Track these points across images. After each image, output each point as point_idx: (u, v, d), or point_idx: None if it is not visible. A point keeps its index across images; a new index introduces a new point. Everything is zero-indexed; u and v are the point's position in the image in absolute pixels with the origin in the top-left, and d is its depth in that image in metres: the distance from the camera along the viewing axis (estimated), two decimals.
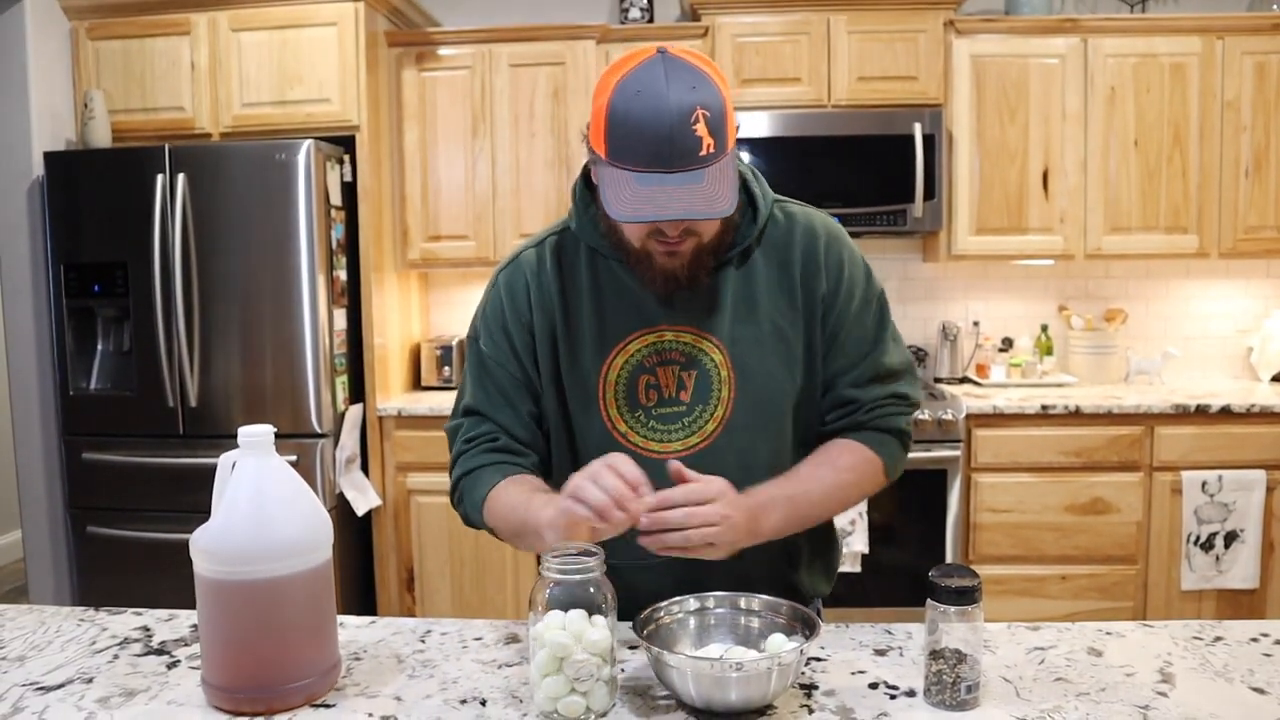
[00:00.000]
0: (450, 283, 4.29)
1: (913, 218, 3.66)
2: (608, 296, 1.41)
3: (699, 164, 1.21)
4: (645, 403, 1.40)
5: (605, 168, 1.25)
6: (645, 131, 1.19)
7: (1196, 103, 3.68)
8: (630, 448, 1.39)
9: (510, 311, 1.45)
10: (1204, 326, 4.13)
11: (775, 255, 1.42)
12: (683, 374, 1.39)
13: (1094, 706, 1.12)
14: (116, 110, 3.62)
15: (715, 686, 1.08)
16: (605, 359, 1.40)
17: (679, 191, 1.20)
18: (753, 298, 1.41)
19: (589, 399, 1.41)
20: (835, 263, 1.43)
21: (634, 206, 1.21)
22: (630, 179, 1.22)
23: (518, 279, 1.45)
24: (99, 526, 3.51)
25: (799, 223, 1.44)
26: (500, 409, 1.45)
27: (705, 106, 1.20)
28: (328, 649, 1.20)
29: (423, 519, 3.67)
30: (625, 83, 1.22)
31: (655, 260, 1.33)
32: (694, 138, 1.20)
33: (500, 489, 1.38)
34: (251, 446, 1.16)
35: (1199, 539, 3.45)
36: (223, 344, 3.42)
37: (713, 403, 1.39)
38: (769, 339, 1.40)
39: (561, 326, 1.43)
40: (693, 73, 1.22)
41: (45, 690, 1.20)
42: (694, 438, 1.39)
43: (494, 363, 1.45)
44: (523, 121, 3.79)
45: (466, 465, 1.44)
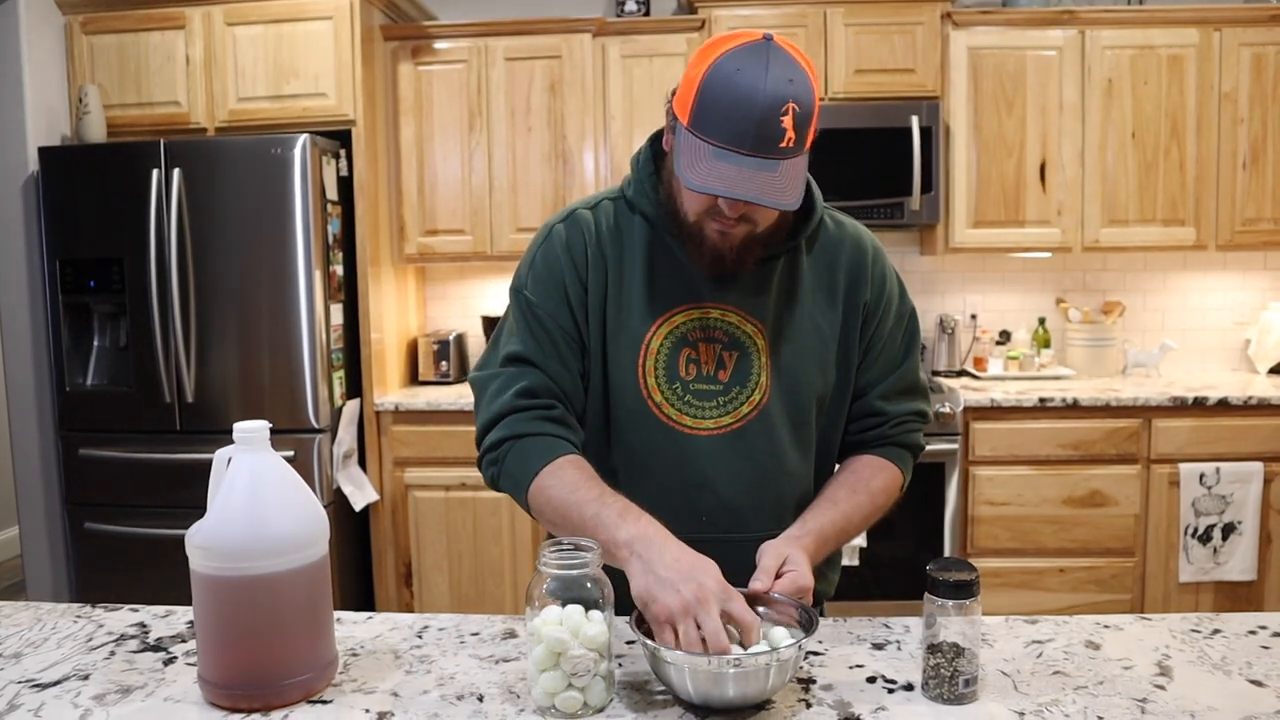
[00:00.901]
0: (447, 277, 4.28)
1: (910, 210, 3.66)
2: (659, 266, 1.41)
3: (778, 154, 1.22)
4: (685, 376, 1.40)
5: (684, 134, 1.25)
6: (736, 111, 1.20)
7: (1194, 94, 3.68)
8: (662, 419, 1.39)
9: (567, 264, 1.42)
10: (1201, 319, 4.13)
11: (822, 257, 1.46)
12: (724, 353, 1.40)
13: (1092, 700, 1.12)
14: (111, 105, 3.61)
15: (713, 683, 1.08)
16: (650, 327, 1.40)
17: (753, 175, 1.21)
18: (795, 292, 1.43)
19: (630, 365, 1.40)
20: (880, 275, 1.48)
21: (706, 178, 1.22)
22: (708, 151, 1.22)
23: (575, 234, 1.44)
24: (96, 523, 3.51)
25: (848, 232, 1.49)
26: (550, 359, 1.40)
27: (798, 101, 1.21)
28: (325, 645, 1.20)
29: (421, 514, 3.67)
30: (726, 59, 1.22)
31: (706, 237, 1.34)
32: (779, 128, 1.21)
33: (560, 471, 1.32)
34: (247, 442, 1.15)
35: (1197, 531, 3.46)
36: (219, 339, 3.41)
37: (750, 386, 1.40)
38: (807, 335, 1.43)
39: (614, 289, 1.42)
40: (793, 66, 1.23)
41: (41, 687, 1.20)
42: (727, 418, 1.40)
43: (545, 313, 1.41)
44: (519, 115, 3.78)
45: (518, 428, 1.36)
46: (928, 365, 4.09)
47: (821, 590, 1.55)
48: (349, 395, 3.62)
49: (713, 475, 1.40)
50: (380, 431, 3.67)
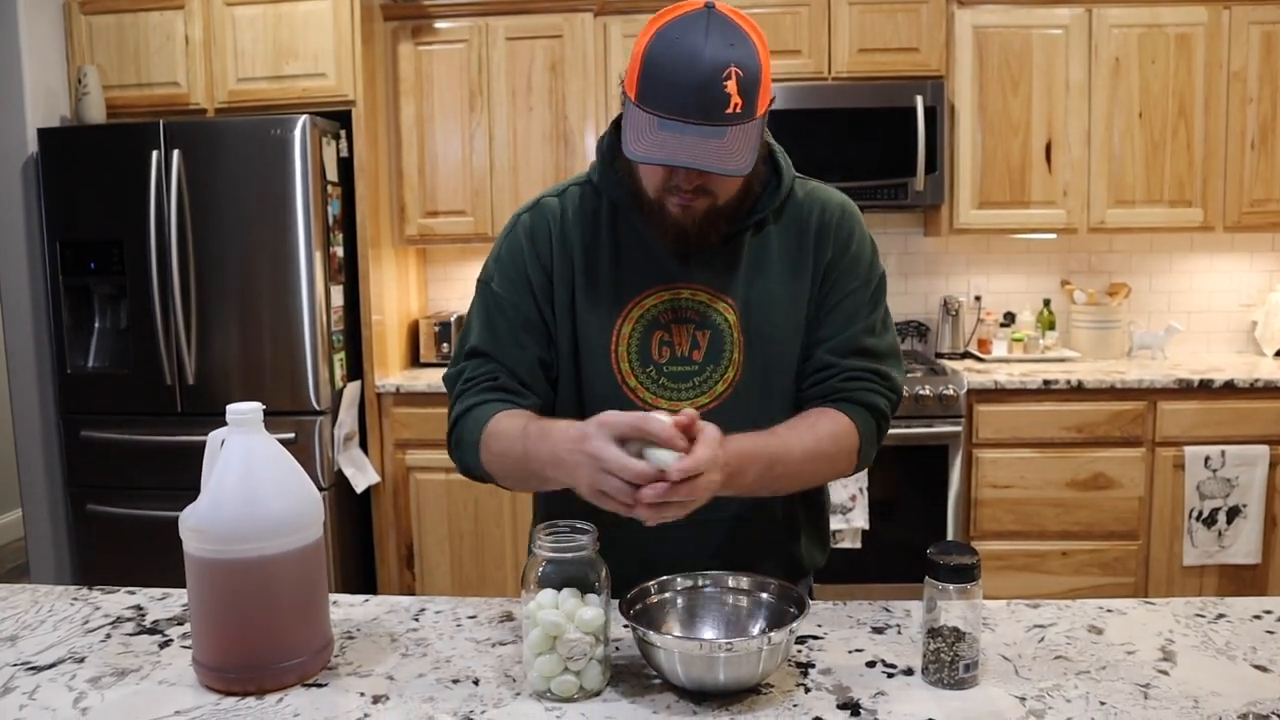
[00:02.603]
0: (448, 259, 4.26)
1: (914, 191, 3.63)
2: (627, 251, 1.40)
3: (723, 121, 1.20)
4: (658, 359, 1.39)
5: (631, 109, 1.24)
6: (676, 79, 1.19)
7: (1202, 74, 3.64)
8: (638, 404, 1.37)
9: (530, 253, 1.42)
10: (1208, 301, 4.10)
11: (791, 227, 1.42)
12: (697, 333, 1.38)
13: (1094, 685, 1.11)
14: (111, 86, 3.59)
15: (703, 667, 1.07)
16: (620, 312, 1.39)
17: (697, 143, 1.19)
18: (765, 264, 1.40)
19: (602, 351, 1.39)
20: (845, 236, 1.43)
21: (648, 148, 1.21)
22: (653, 123, 1.21)
23: (540, 222, 1.43)
24: (98, 505, 3.51)
25: (818, 198, 1.44)
26: (508, 349, 1.41)
27: (740, 65, 1.19)
28: (320, 628, 1.19)
29: (422, 496, 3.66)
30: (666, 29, 1.21)
31: (668, 213, 1.32)
32: (723, 94, 1.18)
33: (498, 421, 1.33)
34: (240, 424, 1.14)
35: (1201, 514, 3.44)
36: (220, 321, 3.40)
37: (723, 364, 1.38)
38: (778, 304, 1.40)
39: (581, 276, 1.41)
40: (735, 30, 1.21)
41: (36, 670, 1.19)
42: (703, 398, 1.38)
43: (508, 303, 1.42)
44: (520, 95, 3.75)
45: (464, 404, 1.39)
46: (931, 347, 4.07)
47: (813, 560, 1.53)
48: (350, 377, 3.61)
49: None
50: (381, 413, 3.66)
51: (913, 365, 3.66)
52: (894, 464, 3.43)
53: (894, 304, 4.06)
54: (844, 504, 3.35)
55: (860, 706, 1.07)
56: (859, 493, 3.36)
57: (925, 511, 3.48)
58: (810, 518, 1.52)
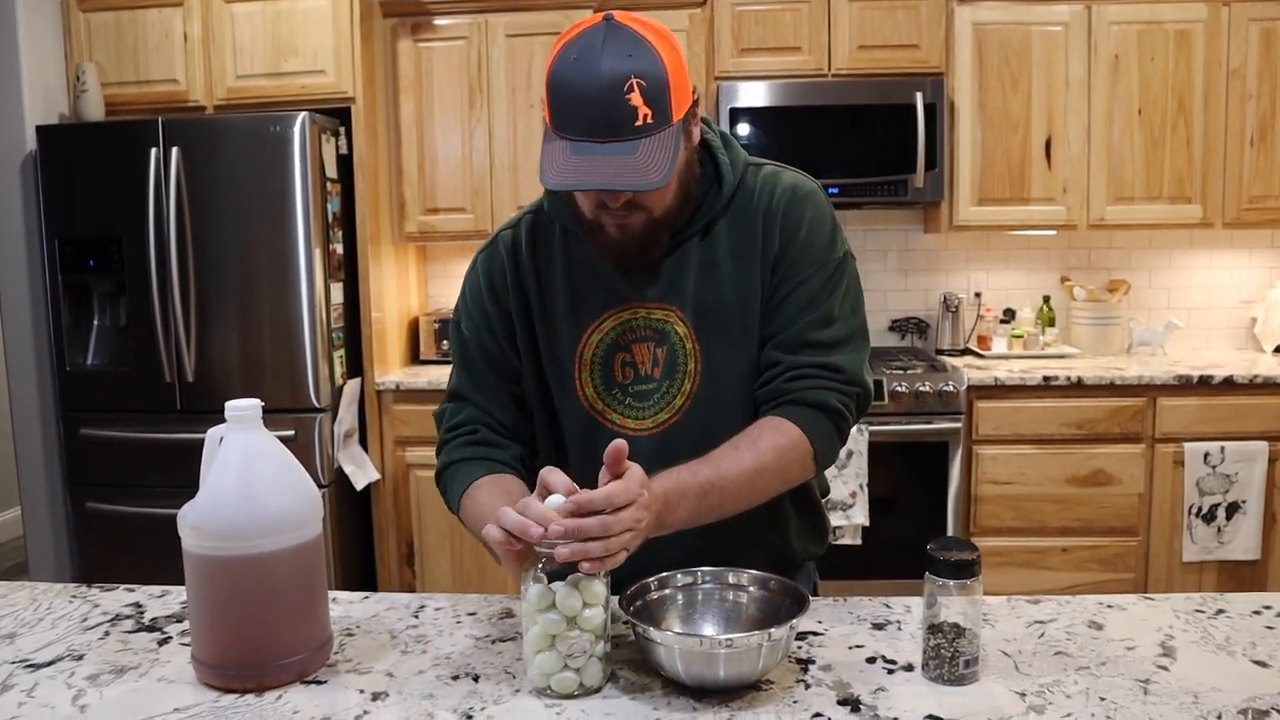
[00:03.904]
0: (448, 256, 4.26)
1: (914, 188, 3.63)
2: (580, 275, 1.39)
3: (633, 134, 1.17)
4: (621, 380, 1.38)
5: (548, 135, 1.22)
6: (578, 99, 1.16)
7: (1201, 70, 3.64)
8: (608, 425, 1.38)
9: (488, 293, 1.43)
10: (1207, 297, 4.10)
11: (739, 221, 1.37)
12: (656, 350, 1.37)
13: (1094, 680, 1.11)
14: (109, 83, 3.58)
15: (703, 664, 1.07)
16: (580, 338, 1.39)
17: (608, 161, 1.17)
18: (714, 266, 1.37)
19: (566, 378, 1.40)
20: (793, 221, 1.36)
21: (561, 174, 1.18)
22: (566, 148, 1.18)
23: (495, 261, 1.44)
24: (98, 502, 3.50)
25: (765, 184, 1.38)
26: (481, 391, 1.44)
27: (641, 76, 1.16)
28: (319, 625, 1.19)
29: (422, 493, 3.66)
30: (565, 49, 1.19)
31: (606, 233, 1.30)
32: (627, 107, 1.16)
33: (473, 492, 1.34)
34: (239, 420, 1.14)
35: (1201, 510, 3.44)
36: (219, 319, 3.40)
37: (679, 377, 1.37)
38: (731, 308, 1.36)
39: (538, 307, 1.41)
40: (633, 40, 1.17)
41: (35, 667, 1.19)
42: (664, 414, 1.37)
43: (475, 345, 1.45)
44: (520, 93, 3.74)
45: (448, 457, 1.43)
46: (931, 343, 4.07)
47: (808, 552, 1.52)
48: (350, 374, 3.60)
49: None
50: (381, 411, 3.66)
51: (913, 362, 3.66)
52: (894, 460, 3.43)
53: (894, 300, 4.14)
54: (844, 501, 3.35)
55: (860, 702, 1.07)
56: (859, 489, 3.35)
57: (925, 508, 3.48)
58: (801, 507, 1.49)
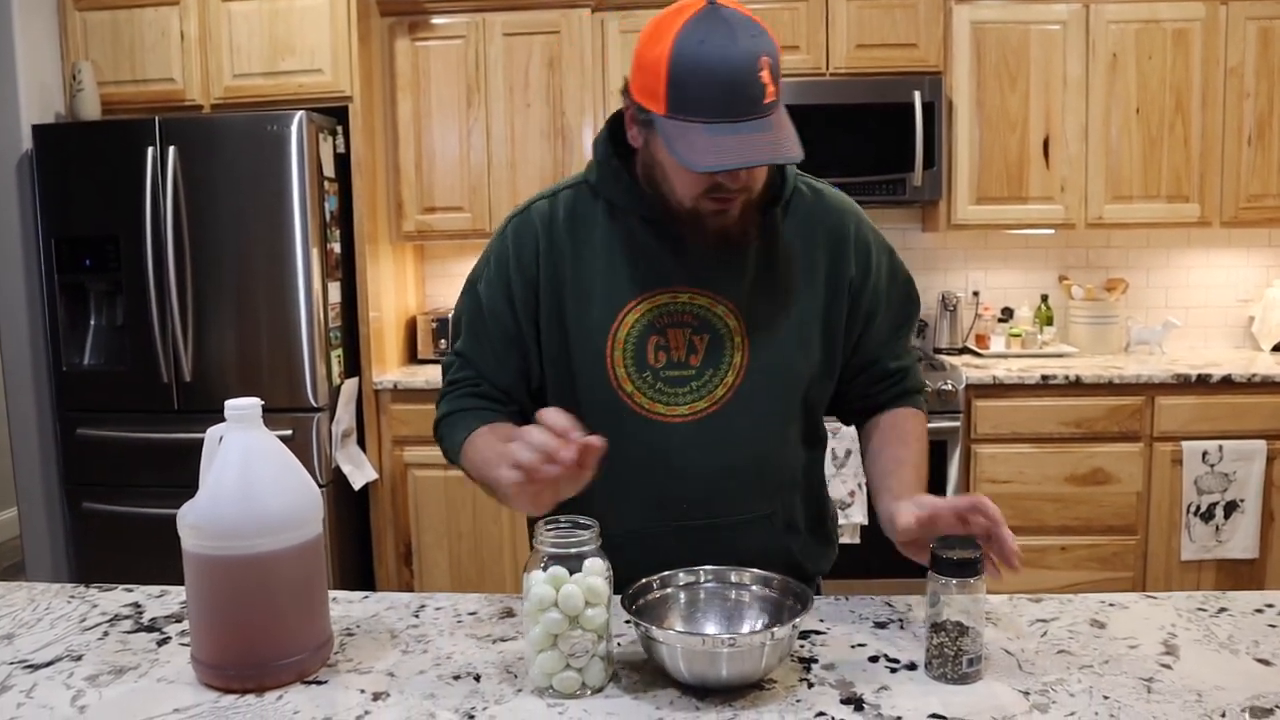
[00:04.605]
0: (446, 255, 4.26)
1: (912, 187, 3.62)
2: (622, 253, 1.37)
3: (764, 112, 1.18)
4: (654, 364, 1.36)
5: (665, 122, 1.20)
6: (715, 81, 1.16)
7: (1199, 69, 3.64)
8: (635, 409, 1.36)
9: (515, 261, 1.40)
10: (1205, 296, 4.11)
11: (799, 231, 1.40)
12: (694, 337, 1.36)
13: (1097, 679, 1.11)
14: (106, 82, 3.57)
15: (706, 662, 1.06)
16: (616, 317, 1.36)
17: (753, 139, 1.18)
18: (772, 265, 1.38)
19: (596, 357, 1.36)
20: (863, 247, 1.43)
21: (712, 156, 1.17)
22: (699, 130, 1.18)
23: (527, 229, 1.41)
24: (95, 503, 3.50)
25: (825, 199, 1.43)
26: (488, 360, 1.44)
27: (768, 54, 1.18)
28: (319, 624, 1.18)
29: (420, 493, 3.65)
30: (685, 33, 1.18)
31: (705, 220, 1.29)
32: (760, 85, 1.17)
33: (475, 438, 1.37)
34: (238, 419, 1.13)
35: (1199, 509, 3.44)
36: (216, 318, 3.39)
37: (724, 368, 1.36)
38: (786, 312, 1.37)
39: (571, 281, 1.38)
40: (750, 21, 1.20)
41: (34, 668, 1.19)
42: (702, 402, 1.36)
43: (489, 311, 1.43)
44: (517, 92, 3.74)
45: (448, 407, 1.45)
46: (929, 342, 4.07)
47: (816, 568, 1.53)
48: (347, 374, 3.60)
49: (689, 462, 1.35)
50: (379, 410, 3.65)
51: None
52: None
53: None
54: (843, 499, 3.34)
55: (864, 701, 1.07)
56: (858, 488, 3.35)
57: None
58: (812, 524, 1.50)
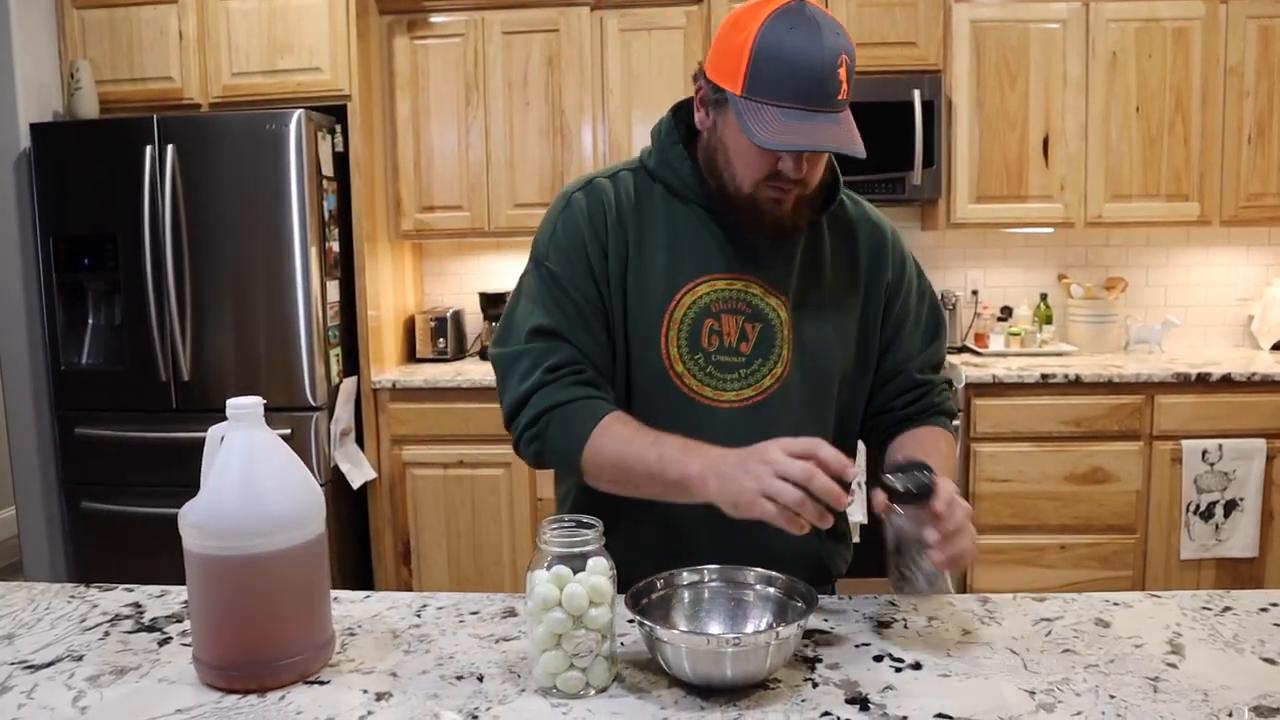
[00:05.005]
0: (444, 254, 4.25)
1: (911, 185, 3.62)
2: (682, 236, 1.39)
3: (836, 107, 1.24)
4: (707, 347, 1.38)
5: (740, 101, 1.24)
6: (799, 69, 1.21)
7: (1199, 68, 3.64)
8: (684, 390, 1.37)
9: (589, 232, 1.38)
10: (1204, 295, 4.10)
11: (841, 231, 1.46)
12: (746, 325, 1.38)
13: (1103, 678, 1.10)
14: (104, 81, 3.56)
15: (711, 662, 1.06)
16: (674, 297, 1.37)
17: (824, 128, 1.23)
18: (818, 264, 1.42)
19: (651, 335, 1.37)
20: (900, 257, 1.50)
21: (783, 136, 1.22)
22: (774, 112, 1.22)
23: (595, 202, 1.40)
24: (93, 502, 3.49)
25: (867, 213, 1.50)
26: (578, 334, 1.36)
27: (848, 53, 1.24)
28: (322, 624, 1.18)
29: (419, 492, 3.65)
30: (773, 21, 1.22)
31: (762, 206, 1.33)
32: (837, 81, 1.23)
33: (610, 428, 1.30)
34: (240, 418, 1.13)
35: (1199, 508, 3.44)
36: (215, 317, 3.38)
37: (773, 359, 1.38)
38: (829, 309, 1.42)
39: (635, 259, 1.39)
40: (834, 21, 1.25)
41: (34, 669, 1.18)
42: (749, 390, 1.38)
43: (570, 284, 1.37)
44: (516, 90, 3.73)
45: (554, 398, 1.33)
46: None
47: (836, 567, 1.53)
48: (346, 373, 3.59)
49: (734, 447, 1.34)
50: (378, 409, 3.65)
51: None
52: None
53: None
54: None
55: (869, 701, 1.06)
56: (857, 487, 3.34)
57: None
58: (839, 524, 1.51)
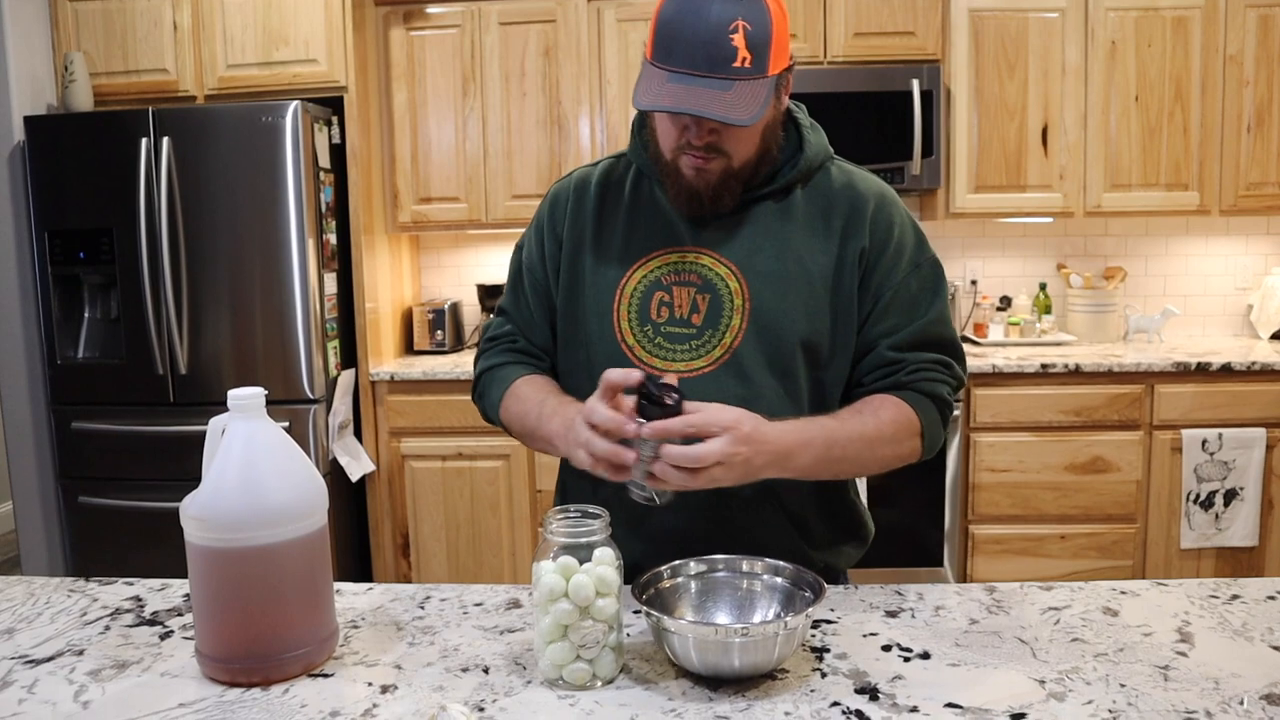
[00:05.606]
0: (442, 245, 4.23)
1: (910, 175, 3.61)
2: (642, 214, 1.44)
3: (731, 74, 1.22)
4: (656, 319, 1.39)
5: (645, 66, 1.28)
6: (684, 33, 1.22)
7: (1199, 57, 3.62)
8: (635, 362, 1.39)
9: (547, 221, 1.51)
10: (1203, 284, 4.10)
11: (819, 201, 1.42)
12: (697, 296, 1.39)
13: (1113, 667, 1.10)
14: (98, 73, 3.54)
15: (719, 652, 1.05)
16: (626, 272, 1.42)
17: (701, 93, 1.22)
18: (784, 234, 1.39)
19: (605, 310, 1.42)
20: (884, 223, 1.41)
21: (654, 97, 1.24)
22: (663, 77, 1.24)
23: (562, 193, 1.51)
24: (90, 496, 3.47)
25: (854, 181, 1.43)
26: (525, 314, 1.53)
27: (748, 20, 1.22)
28: (325, 617, 1.17)
29: (417, 484, 3.64)
30: None
31: (682, 174, 1.34)
32: (729, 47, 1.21)
33: (517, 387, 1.45)
34: (242, 409, 1.12)
35: (1199, 497, 3.44)
36: (212, 310, 3.37)
37: (721, 329, 1.37)
38: (792, 276, 1.38)
39: (592, 240, 1.45)
40: None
41: (35, 663, 1.17)
42: (699, 361, 1.38)
43: (526, 268, 1.53)
44: (514, 81, 3.71)
45: (486, 363, 1.53)
46: None
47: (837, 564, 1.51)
48: (344, 365, 3.58)
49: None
50: (376, 401, 3.63)
51: None
52: None
53: None
54: None
55: (878, 691, 1.05)
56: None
57: (923, 495, 3.47)
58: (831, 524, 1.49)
